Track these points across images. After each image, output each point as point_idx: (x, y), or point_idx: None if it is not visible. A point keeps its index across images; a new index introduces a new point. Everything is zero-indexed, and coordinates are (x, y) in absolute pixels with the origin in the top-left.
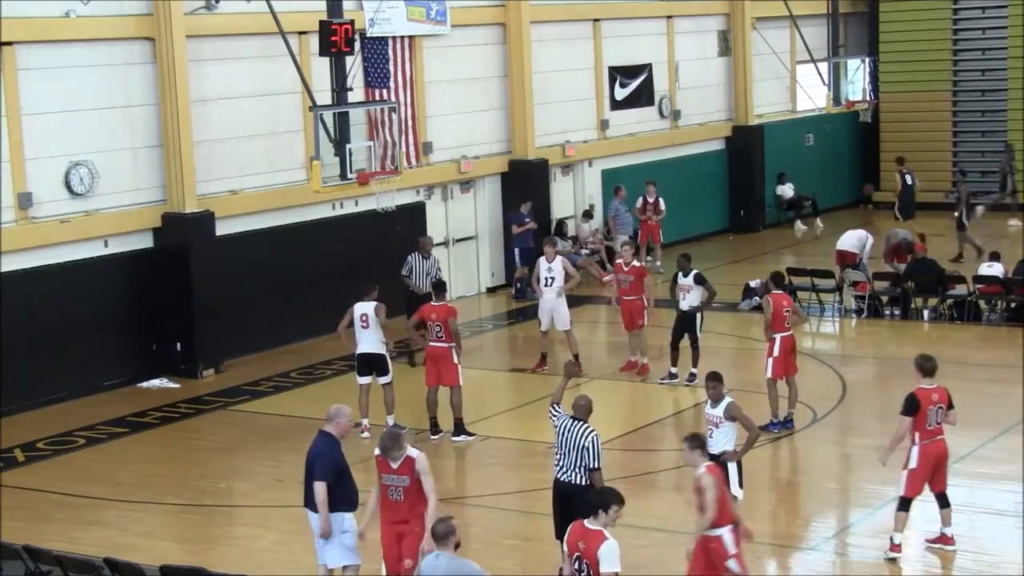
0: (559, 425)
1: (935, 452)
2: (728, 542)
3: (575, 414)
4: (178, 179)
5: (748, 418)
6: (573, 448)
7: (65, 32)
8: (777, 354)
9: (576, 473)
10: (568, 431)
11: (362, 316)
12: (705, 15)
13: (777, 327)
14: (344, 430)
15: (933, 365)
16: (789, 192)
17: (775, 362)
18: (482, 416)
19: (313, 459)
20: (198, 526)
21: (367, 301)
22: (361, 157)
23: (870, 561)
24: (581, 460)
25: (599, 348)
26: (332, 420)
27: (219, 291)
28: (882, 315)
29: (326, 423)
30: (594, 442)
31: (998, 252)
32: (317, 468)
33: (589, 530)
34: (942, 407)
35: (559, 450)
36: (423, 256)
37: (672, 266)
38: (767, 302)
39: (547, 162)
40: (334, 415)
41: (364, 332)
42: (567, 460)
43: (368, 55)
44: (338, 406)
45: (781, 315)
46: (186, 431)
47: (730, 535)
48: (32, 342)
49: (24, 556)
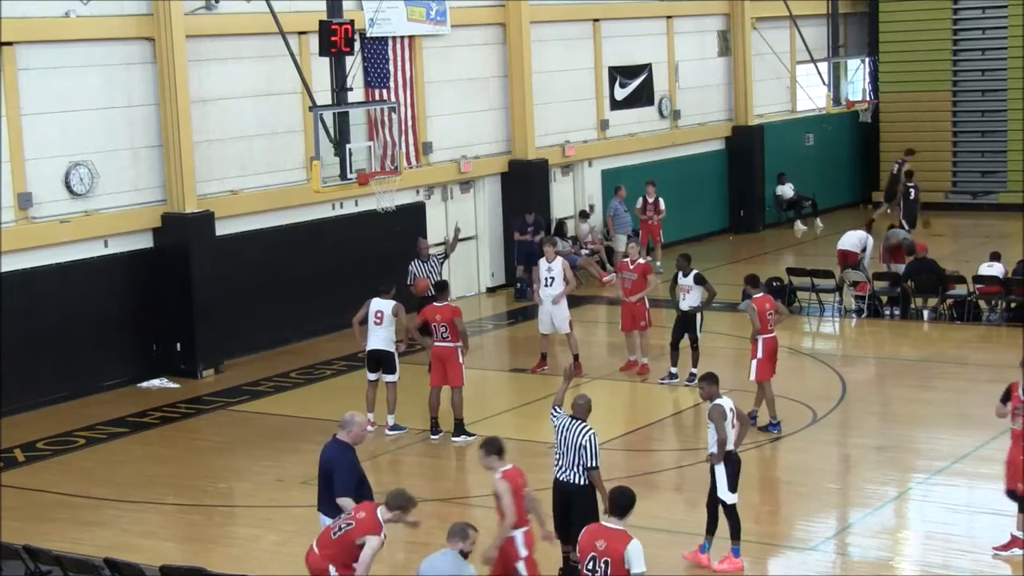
0: (558, 425)
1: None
2: (519, 544)
3: (574, 413)
4: (178, 179)
5: (721, 426)
6: (572, 447)
7: (65, 32)
8: (761, 356)
9: (575, 472)
10: (567, 430)
11: (377, 312)
12: (705, 15)
13: (762, 329)
14: (358, 438)
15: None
16: (789, 192)
17: (759, 364)
18: (482, 416)
19: (331, 469)
20: (198, 526)
21: (385, 299)
22: (361, 157)
23: (870, 561)
24: (579, 459)
25: (599, 348)
26: (346, 428)
27: (219, 291)
28: (882, 315)
29: (339, 430)
30: (591, 441)
31: (998, 252)
32: (338, 481)
33: (611, 530)
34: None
35: (558, 449)
36: (422, 261)
37: (672, 266)
38: (752, 308)
39: (547, 162)
40: (348, 423)
41: (376, 328)
42: (566, 459)
43: (368, 55)
44: (352, 413)
45: (766, 317)
46: (186, 431)
47: (522, 537)
48: (32, 342)
49: (24, 556)
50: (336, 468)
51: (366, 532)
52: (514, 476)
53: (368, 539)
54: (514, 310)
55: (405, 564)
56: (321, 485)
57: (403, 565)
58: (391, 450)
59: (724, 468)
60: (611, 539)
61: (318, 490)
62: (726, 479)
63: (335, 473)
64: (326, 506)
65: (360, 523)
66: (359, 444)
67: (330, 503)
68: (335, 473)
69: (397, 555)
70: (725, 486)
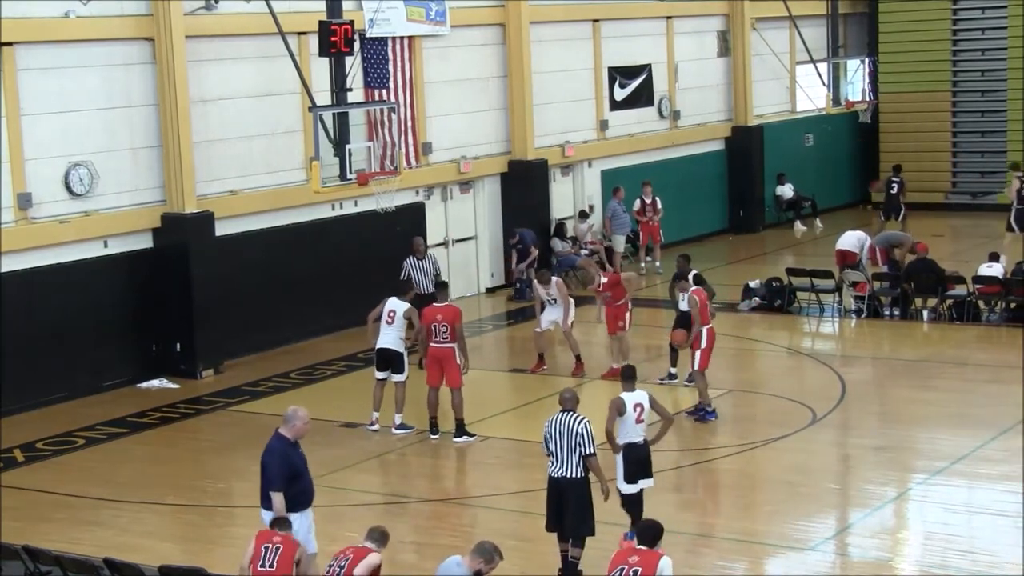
0: (549, 424)
1: None
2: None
3: (563, 407)
4: (178, 179)
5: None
6: (567, 438)
7: (65, 32)
8: (704, 345)
9: (570, 465)
10: (560, 424)
11: (390, 312)
12: (705, 15)
13: (704, 319)
14: (299, 432)
15: None
16: (789, 192)
17: (703, 353)
18: (482, 416)
19: (264, 464)
20: (198, 526)
21: (401, 300)
22: (361, 157)
23: (870, 561)
24: (576, 449)
25: (599, 348)
26: (288, 422)
27: (219, 291)
28: (882, 315)
29: (282, 424)
30: (587, 427)
31: (998, 252)
32: (271, 476)
33: (645, 550)
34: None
35: (553, 446)
36: (417, 258)
37: (672, 266)
38: (693, 300)
39: (547, 162)
40: (290, 417)
41: (387, 327)
42: (561, 454)
43: (368, 55)
44: (295, 408)
45: (706, 307)
46: (186, 431)
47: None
48: (32, 342)
49: (24, 556)
50: (268, 464)
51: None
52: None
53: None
54: (513, 310)
55: (410, 565)
56: (263, 482)
57: (408, 566)
58: (394, 450)
59: (621, 459)
60: (644, 555)
61: (261, 487)
62: (622, 469)
63: (267, 468)
64: (268, 502)
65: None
66: (301, 439)
67: (268, 497)
68: (267, 468)
69: (397, 556)
70: (621, 476)
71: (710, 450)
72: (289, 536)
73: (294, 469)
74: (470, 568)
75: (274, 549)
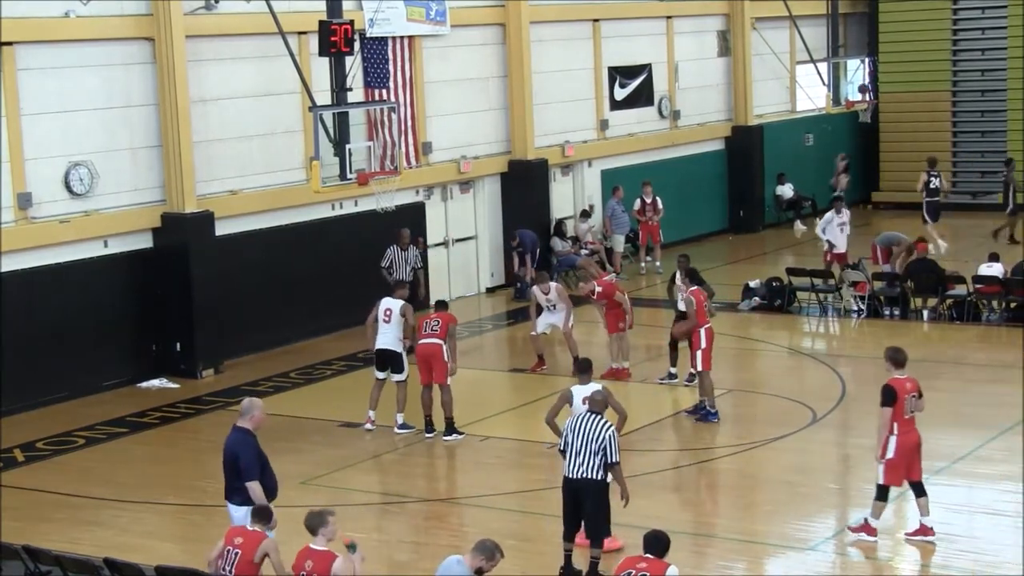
0: (571, 422)
1: (912, 441)
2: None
3: (591, 408)
4: (177, 179)
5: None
6: (591, 441)
7: (65, 32)
8: (704, 345)
9: (590, 467)
10: (584, 425)
11: (386, 311)
12: (705, 15)
13: (701, 319)
14: (259, 423)
15: (904, 356)
16: (789, 192)
17: (704, 353)
18: (482, 416)
19: (234, 456)
20: (198, 526)
21: (395, 298)
22: (361, 157)
23: (870, 561)
24: (599, 455)
25: (599, 348)
26: (246, 414)
27: (219, 291)
28: (882, 315)
29: (240, 417)
30: (613, 436)
31: (997, 253)
32: (243, 467)
33: (654, 560)
34: (915, 396)
35: (571, 446)
36: (401, 248)
37: (672, 266)
38: (690, 300)
39: (547, 162)
40: (248, 409)
41: (385, 327)
42: (581, 456)
43: (368, 55)
44: (251, 400)
45: (703, 308)
46: (186, 431)
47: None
48: (32, 342)
49: (24, 556)
50: (240, 455)
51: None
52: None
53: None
54: (513, 310)
55: (405, 564)
56: (227, 474)
57: (403, 565)
58: (389, 450)
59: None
60: (652, 563)
61: (225, 480)
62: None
63: (239, 460)
64: (233, 494)
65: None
66: (260, 430)
67: (237, 491)
68: (239, 460)
69: (396, 556)
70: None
71: (710, 450)
72: (256, 534)
73: (263, 458)
74: (471, 566)
75: (233, 554)
